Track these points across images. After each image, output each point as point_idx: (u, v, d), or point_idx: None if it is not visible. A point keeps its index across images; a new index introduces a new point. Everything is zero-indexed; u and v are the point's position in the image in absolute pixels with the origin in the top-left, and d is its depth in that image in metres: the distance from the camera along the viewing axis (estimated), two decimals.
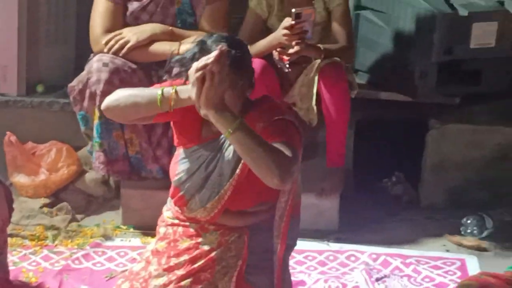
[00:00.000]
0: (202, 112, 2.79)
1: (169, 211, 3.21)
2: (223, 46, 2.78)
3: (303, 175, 4.28)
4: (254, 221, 3.11)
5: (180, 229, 3.15)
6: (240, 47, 2.96)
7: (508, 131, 4.60)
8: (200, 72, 2.74)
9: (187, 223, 3.14)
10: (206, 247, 3.09)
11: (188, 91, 2.83)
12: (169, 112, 2.95)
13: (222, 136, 2.98)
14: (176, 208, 3.16)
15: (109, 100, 2.99)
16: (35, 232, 4.19)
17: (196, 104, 2.80)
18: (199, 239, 3.11)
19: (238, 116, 2.81)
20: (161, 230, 3.21)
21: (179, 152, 3.13)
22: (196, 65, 2.76)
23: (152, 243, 3.24)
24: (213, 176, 3.04)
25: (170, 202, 3.21)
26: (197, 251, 3.10)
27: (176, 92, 2.88)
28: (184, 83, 2.88)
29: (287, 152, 2.84)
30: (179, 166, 3.11)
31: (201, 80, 2.74)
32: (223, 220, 3.10)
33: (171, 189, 3.16)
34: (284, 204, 3.06)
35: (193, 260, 3.08)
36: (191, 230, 3.13)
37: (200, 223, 3.11)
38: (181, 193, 3.09)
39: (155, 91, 2.92)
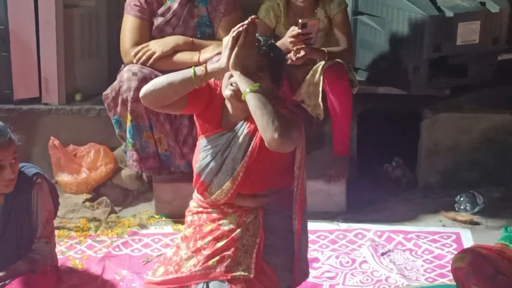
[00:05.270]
0: (230, 70, 2.90)
1: (193, 201, 3.25)
2: (253, 16, 2.89)
3: (313, 163, 4.26)
4: (265, 202, 3.13)
5: (204, 215, 3.18)
6: (281, 56, 3.10)
7: (492, 117, 4.58)
8: (236, 32, 2.86)
9: (210, 210, 3.17)
10: (227, 228, 3.12)
11: (216, 64, 2.95)
12: (197, 100, 3.04)
13: (237, 127, 3.07)
14: (199, 197, 3.19)
15: (146, 86, 3.04)
16: (79, 224, 4.21)
17: (225, 66, 2.90)
18: (221, 221, 3.13)
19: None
20: (188, 219, 3.26)
21: (200, 142, 3.17)
22: (232, 31, 2.88)
23: (182, 232, 3.26)
24: (227, 161, 3.08)
25: (194, 193, 3.24)
26: (219, 232, 3.12)
27: (205, 67, 2.96)
28: None
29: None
30: (200, 154, 3.15)
31: (235, 39, 2.87)
32: (239, 202, 3.13)
33: (194, 177, 3.18)
34: (296, 189, 3.09)
35: (216, 240, 3.12)
36: (213, 215, 3.16)
37: (220, 208, 3.14)
38: (201, 179, 3.13)
39: (188, 70, 2.98)
